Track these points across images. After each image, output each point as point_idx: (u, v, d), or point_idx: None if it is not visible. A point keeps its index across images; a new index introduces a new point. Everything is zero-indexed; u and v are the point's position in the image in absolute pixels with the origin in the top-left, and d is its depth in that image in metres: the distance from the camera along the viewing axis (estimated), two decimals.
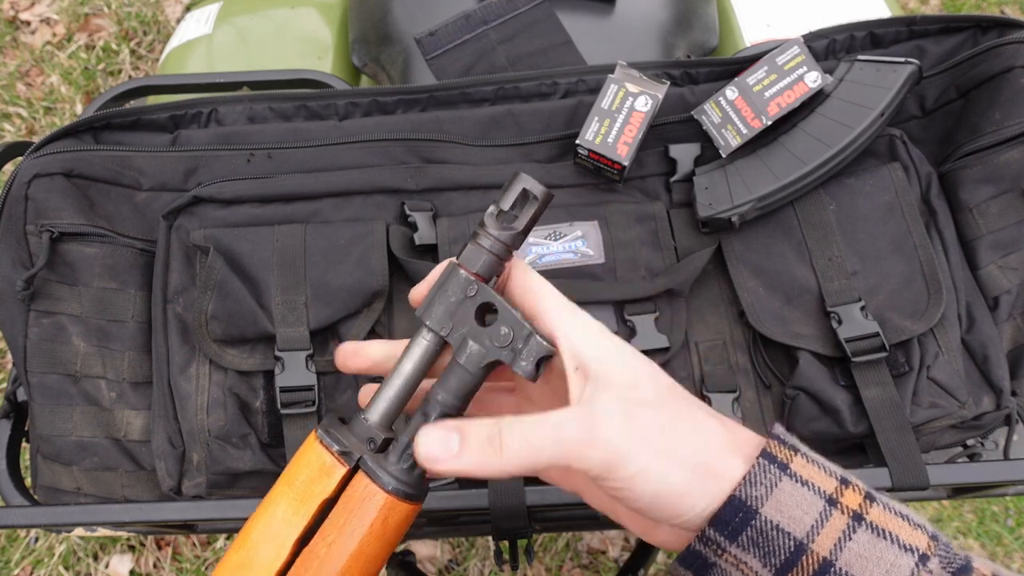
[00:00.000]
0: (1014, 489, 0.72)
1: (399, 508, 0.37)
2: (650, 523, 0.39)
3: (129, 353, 0.71)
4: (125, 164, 0.73)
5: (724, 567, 0.35)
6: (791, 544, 0.34)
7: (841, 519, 0.33)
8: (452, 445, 0.35)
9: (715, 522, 0.34)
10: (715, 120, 0.72)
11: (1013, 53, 0.69)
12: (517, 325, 0.37)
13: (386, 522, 0.37)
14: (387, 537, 0.37)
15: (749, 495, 0.34)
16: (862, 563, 0.33)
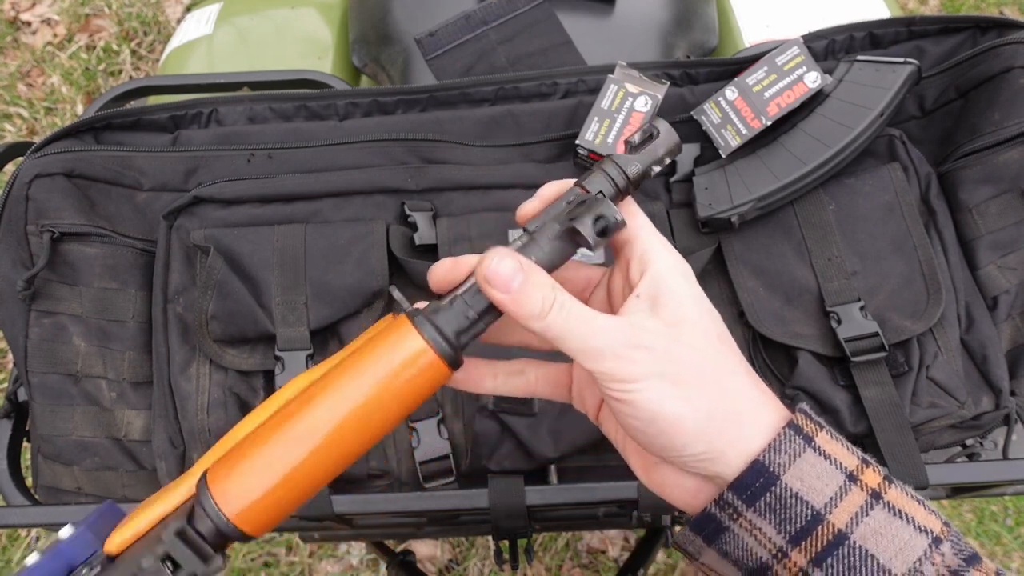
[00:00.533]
0: (1013, 489, 0.72)
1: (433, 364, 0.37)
2: (651, 462, 0.40)
3: (129, 353, 0.71)
4: (126, 164, 0.73)
5: (738, 532, 0.36)
6: (808, 513, 0.34)
7: (860, 495, 0.34)
8: (516, 277, 0.36)
9: (735, 486, 0.35)
10: (715, 120, 0.72)
11: (1012, 53, 0.69)
12: (596, 202, 0.38)
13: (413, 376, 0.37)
14: (407, 389, 0.37)
15: (772, 461, 0.34)
16: (877, 539, 0.33)
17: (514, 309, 0.36)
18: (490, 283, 0.36)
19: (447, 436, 0.67)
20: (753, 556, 0.36)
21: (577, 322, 0.36)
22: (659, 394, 0.35)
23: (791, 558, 0.35)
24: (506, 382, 0.43)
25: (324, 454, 0.36)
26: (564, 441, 0.66)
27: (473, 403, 0.68)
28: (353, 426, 0.37)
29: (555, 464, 0.68)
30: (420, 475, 0.67)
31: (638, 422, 0.36)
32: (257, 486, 0.36)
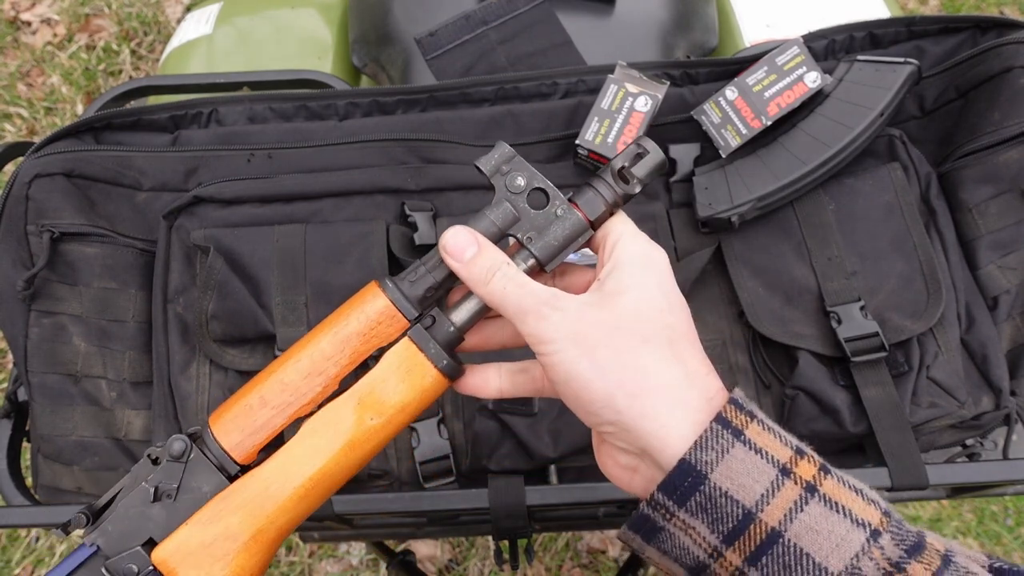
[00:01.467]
0: (1013, 489, 0.72)
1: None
2: (598, 440, 0.41)
3: (129, 353, 0.71)
4: (125, 164, 0.73)
5: (673, 531, 0.36)
6: (739, 512, 0.33)
7: (793, 489, 0.33)
8: (469, 249, 0.40)
9: (664, 486, 0.35)
10: (715, 120, 0.72)
11: (1012, 53, 0.69)
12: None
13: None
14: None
15: (699, 459, 0.34)
16: (812, 536, 0.33)
17: (465, 275, 0.40)
18: (447, 252, 0.41)
19: (447, 436, 0.67)
20: (690, 555, 0.36)
21: (513, 287, 0.39)
22: (571, 355, 0.37)
23: (726, 557, 0.34)
24: (512, 381, 0.45)
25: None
26: (564, 441, 0.66)
27: (473, 403, 0.68)
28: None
29: (555, 464, 0.68)
30: (420, 475, 0.67)
31: (559, 385, 0.38)
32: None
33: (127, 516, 0.41)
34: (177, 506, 0.41)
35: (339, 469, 0.41)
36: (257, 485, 0.41)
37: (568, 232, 0.42)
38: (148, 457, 0.41)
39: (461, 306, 0.43)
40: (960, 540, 1.48)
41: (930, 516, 1.51)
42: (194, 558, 0.40)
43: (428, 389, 0.42)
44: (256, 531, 0.40)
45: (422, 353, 0.41)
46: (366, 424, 0.41)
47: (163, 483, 0.40)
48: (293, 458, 0.41)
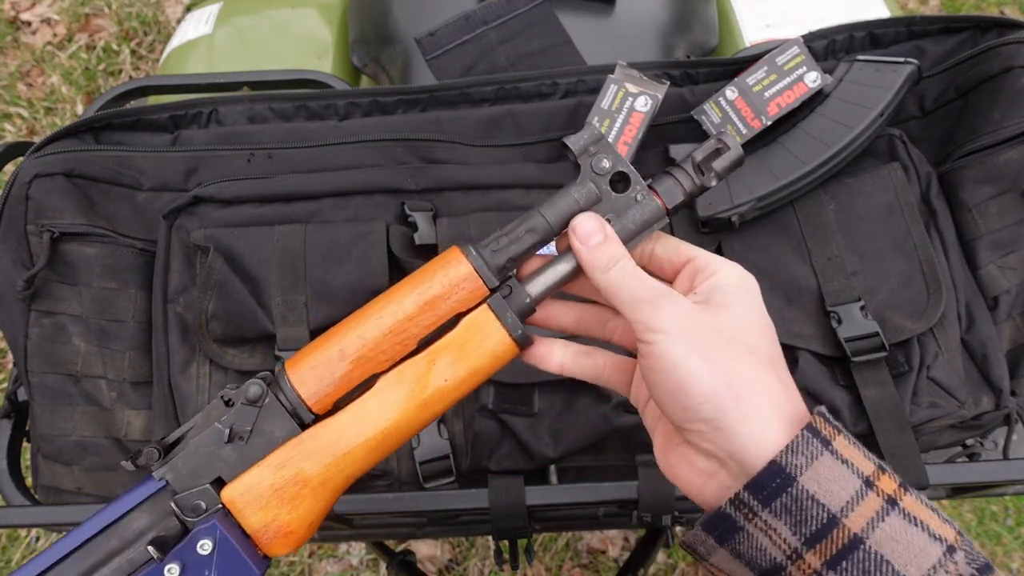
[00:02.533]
0: (1013, 489, 0.72)
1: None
2: (671, 443, 0.42)
3: (129, 353, 0.71)
4: (125, 164, 0.73)
5: (752, 532, 0.36)
6: (824, 516, 0.34)
7: (876, 501, 0.34)
8: (596, 236, 0.42)
9: (751, 486, 0.35)
10: (715, 120, 0.72)
11: (1012, 53, 0.69)
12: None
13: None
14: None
15: (789, 463, 0.35)
16: (892, 545, 0.34)
17: (587, 259, 0.42)
18: (577, 235, 0.42)
19: (447, 436, 0.67)
20: (767, 557, 0.36)
21: (631, 279, 0.41)
22: (682, 348, 0.38)
23: (806, 560, 0.35)
24: (575, 361, 0.46)
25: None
26: (564, 441, 0.66)
27: (473, 403, 0.68)
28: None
29: (555, 464, 0.68)
30: (420, 475, 0.67)
31: (659, 375, 0.38)
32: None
33: (198, 454, 0.41)
34: (249, 448, 0.41)
35: (409, 425, 0.43)
36: (330, 434, 0.42)
37: (646, 217, 0.44)
38: (221, 399, 0.42)
39: (536, 279, 0.45)
40: None
41: None
42: (263, 500, 0.41)
43: (501, 356, 0.43)
44: (326, 478, 0.41)
45: (499, 321, 0.43)
46: (439, 384, 0.42)
47: (236, 425, 0.41)
48: (367, 411, 0.42)
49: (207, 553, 0.39)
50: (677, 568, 1.44)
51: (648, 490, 0.62)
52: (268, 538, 0.41)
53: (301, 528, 0.42)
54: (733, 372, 0.37)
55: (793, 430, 0.37)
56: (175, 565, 0.39)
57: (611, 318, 0.47)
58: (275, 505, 0.41)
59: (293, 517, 0.41)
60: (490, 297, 0.44)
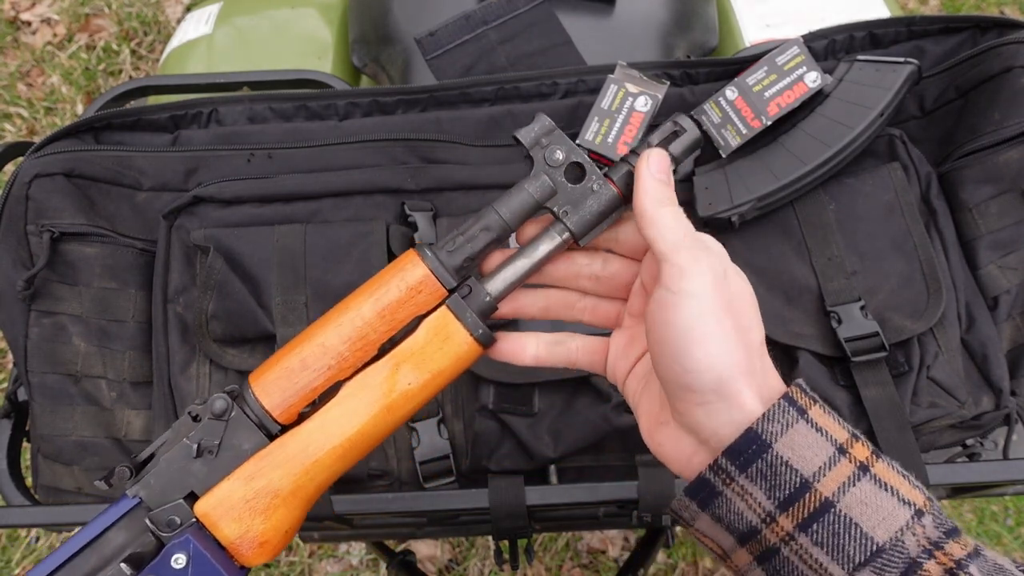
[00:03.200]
0: (1013, 489, 0.72)
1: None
2: (657, 421, 0.43)
3: (129, 353, 0.71)
4: (125, 164, 0.73)
5: (730, 496, 0.37)
6: (797, 480, 0.36)
7: (848, 467, 0.35)
8: (670, 172, 0.43)
9: (729, 451, 0.37)
10: (715, 120, 0.72)
11: (1012, 53, 0.69)
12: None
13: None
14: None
15: (765, 430, 0.36)
16: (861, 508, 0.35)
17: (649, 188, 0.41)
18: (649, 164, 0.42)
19: (447, 436, 0.67)
20: (743, 520, 0.37)
21: (681, 221, 0.41)
22: (706, 306, 0.38)
23: (779, 523, 0.36)
24: (549, 351, 0.47)
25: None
26: (564, 441, 0.66)
27: (473, 403, 0.68)
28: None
29: (555, 464, 0.68)
30: (420, 475, 0.67)
31: (672, 329, 0.38)
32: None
33: (169, 470, 0.42)
34: (218, 462, 0.42)
35: (376, 430, 0.43)
36: (298, 444, 0.42)
37: (603, 206, 0.43)
38: (189, 414, 0.42)
39: (496, 276, 0.45)
40: None
41: None
42: (236, 511, 0.41)
43: (463, 356, 0.44)
44: (296, 487, 0.42)
45: (459, 322, 0.43)
46: (403, 388, 0.43)
47: (204, 440, 0.42)
48: (333, 419, 0.42)
49: (181, 567, 0.40)
50: (677, 568, 1.44)
51: (648, 490, 0.62)
52: (244, 549, 0.41)
53: (276, 537, 0.42)
54: (738, 344, 0.38)
55: (766, 395, 0.38)
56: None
57: (579, 300, 0.48)
58: (248, 516, 0.41)
59: (267, 527, 0.42)
60: (448, 298, 0.43)
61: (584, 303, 0.48)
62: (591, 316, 0.48)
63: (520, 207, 0.44)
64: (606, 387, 0.67)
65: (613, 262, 0.47)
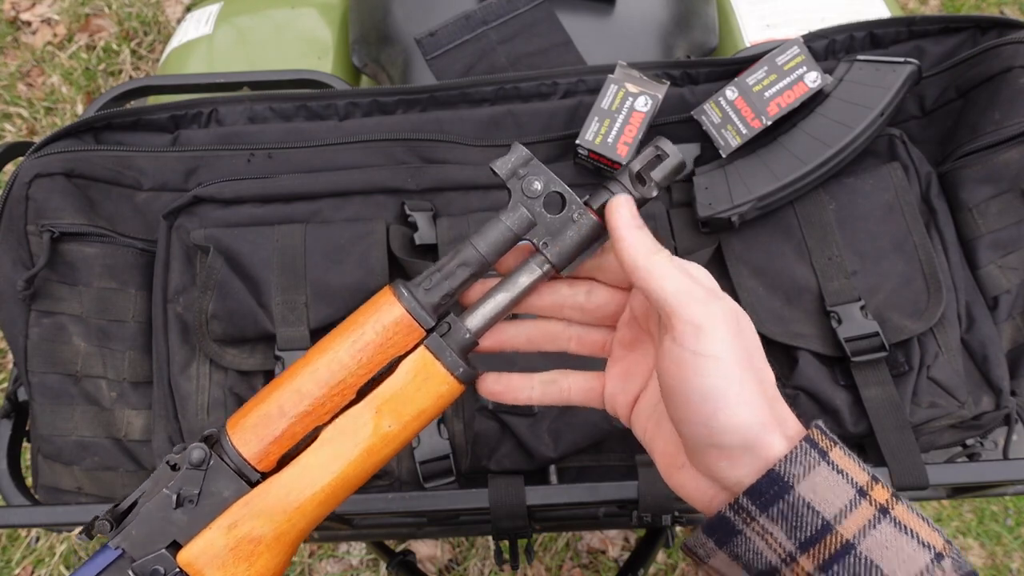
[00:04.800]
0: (1013, 489, 0.72)
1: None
2: (676, 464, 0.42)
3: (129, 353, 0.71)
4: (125, 164, 0.73)
5: (750, 536, 0.37)
6: (819, 522, 0.36)
7: (868, 509, 0.36)
8: (638, 220, 0.41)
9: (750, 491, 0.37)
10: (715, 120, 0.72)
11: (1012, 53, 0.69)
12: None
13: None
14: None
15: (787, 472, 0.36)
16: (881, 551, 0.35)
17: (631, 242, 0.40)
18: (617, 217, 0.41)
19: (447, 436, 0.67)
20: (763, 560, 0.37)
21: (676, 268, 0.39)
22: (730, 365, 0.37)
23: (799, 563, 0.36)
24: (543, 392, 0.46)
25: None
26: (564, 441, 0.66)
27: (473, 403, 0.68)
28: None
29: (555, 464, 0.68)
30: (420, 475, 0.67)
31: (696, 394, 0.37)
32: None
33: (150, 520, 0.41)
34: (199, 511, 0.41)
35: (356, 474, 0.42)
36: (278, 491, 0.41)
37: (583, 236, 0.42)
38: (167, 464, 0.42)
39: (477, 312, 0.43)
40: (960, 540, 1.48)
41: (931, 516, 1.51)
42: (219, 560, 0.41)
43: (444, 395, 0.42)
44: (279, 533, 0.41)
45: (439, 362, 0.42)
46: (383, 431, 0.42)
47: (184, 489, 0.41)
48: (312, 465, 0.42)
49: None
50: (677, 568, 1.44)
51: (648, 490, 0.62)
52: None
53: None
54: (760, 400, 0.37)
55: (789, 436, 0.38)
56: None
57: (564, 330, 0.47)
58: (232, 563, 0.41)
59: (251, 573, 0.41)
60: (427, 338, 0.42)
61: (570, 332, 0.47)
62: (577, 345, 0.47)
63: (498, 240, 0.43)
64: None
65: (598, 292, 0.45)
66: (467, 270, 0.43)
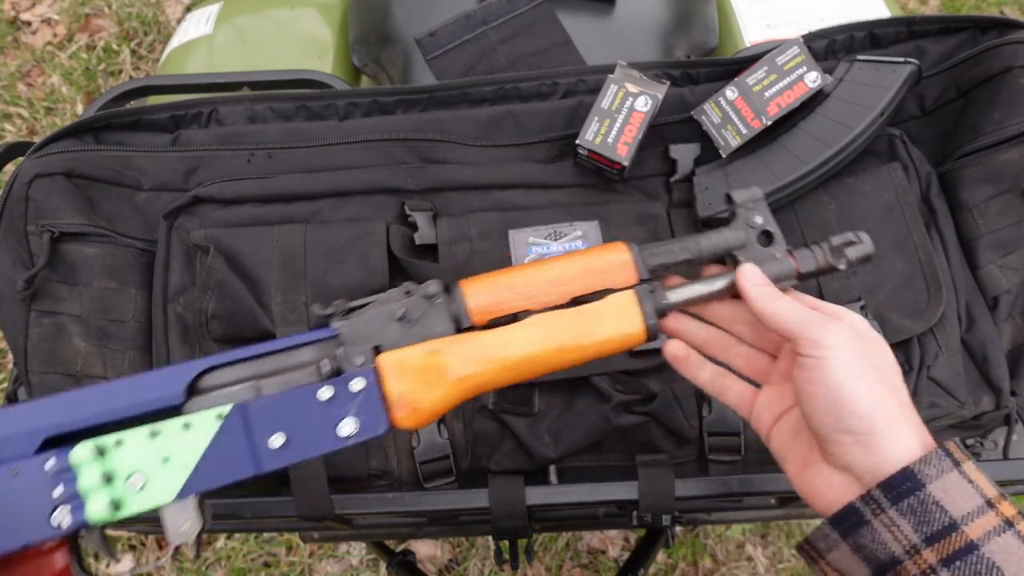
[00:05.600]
0: (1014, 489, 0.72)
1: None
2: (808, 461, 0.46)
3: (130, 353, 0.71)
4: (125, 164, 0.73)
5: (876, 527, 0.41)
6: (946, 519, 0.39)
7: (995, 518, 0.39)
8: (762, 279, 0.49)
9: (884, 485, 0.40)
10: (715, 120, 0.72)
11: (1012, 53, 0.69)
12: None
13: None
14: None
15: (921, 471, 0.40)
16: (1005, 555, 0.38)
17: (756, 294, 0.48)
18: (745, 276, 0.49)
19: (447, 436, 0.67)
20: (886, 550, 0.40)
21: (796, 306, 0.47)
22: (846, 363, 0.43)
23: (923, 555, 0.39)
24: (712, 379, 0.53)
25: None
26: (564, 441, 0.66)
27: (473, 403, 0.68)
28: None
29: (555, 464, 0.68)
30: (420, 475, 0.67)
31: (820, 387, 0.43)
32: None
33: (371, 322, 0.49)
34: (411, 331, 0.49)
35: (539, 362, 0.49)
36: (479, 343, 0.48)
37: (779, 273, 0.51)
38: (403, 290, 0.50)
39: (676, 290, 0.51)
40: None
41: None
42: (407, 374, 0.47)
43: (629, 336, 0.50)
44: (461, 376, 0.48)
45: (638, 306, 0.50)
46: (575, 338, 0.49)
47: (409, 311, 0.49)
48: (514, 337, 0.49)
49: (356, 390, 0.46)
50: (677, 568, 1.44)
51: (648, 490, 0.62)
52: (399, 407, 0.47)
53: (427, 409, 0.47)
54: (884, 396, 0.42)
55: (926, 445, 0.42)
56: (328, 389, 0.46)
57: (734, 344, 0.53)
58: (414, 381, 0.47)
59: (424, 397, 0.47)
60: (637, 286, 0.50)
61: (739, 349, 0.52)
62: (744, 364, 0.52)
63: (717, 244, 0.52)
64: (606, 387, 0.67)
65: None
66: (685, 254, 0.52)
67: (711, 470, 0.67)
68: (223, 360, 0.47)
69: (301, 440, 0.45)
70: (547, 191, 0.74)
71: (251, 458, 0.45)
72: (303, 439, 0.45)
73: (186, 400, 0.46)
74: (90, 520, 0.43)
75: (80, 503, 0.43)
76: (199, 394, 0.46)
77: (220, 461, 0.44)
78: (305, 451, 0.45)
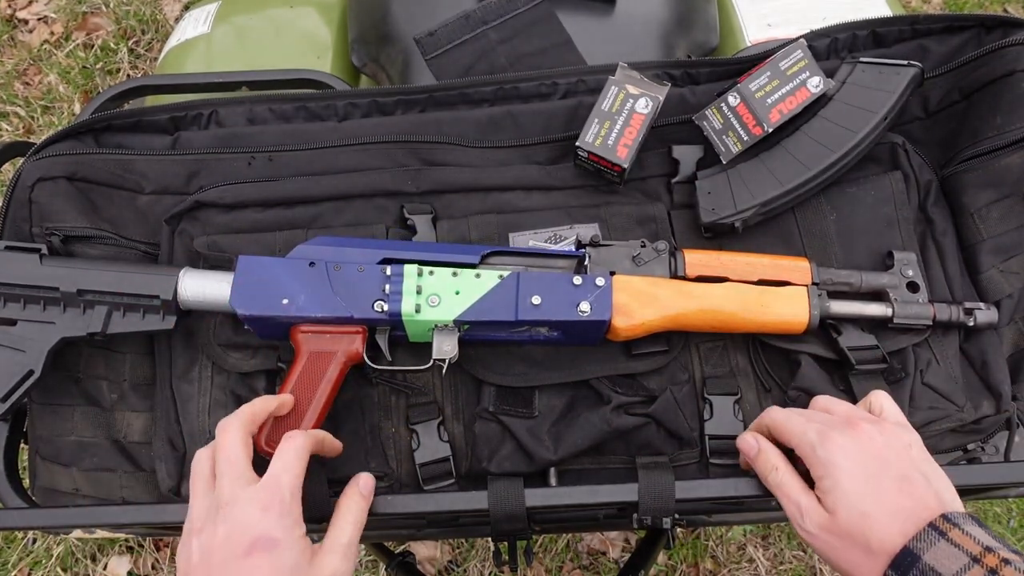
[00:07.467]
0: (1015, 491, 0.72)
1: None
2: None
3: (131, 355, 0.70)
4: (127, 167, 0.73)
5: None
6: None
7: (980, 570, 0.48)
8: (752, 451, 0.60)
9: (893, 564, 0.51)
10: (716, 126, 0.72)
11: (1016, 56, 0.69)
12: None
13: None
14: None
15: (916, 547, 0.50)
16: None
17: (754, 466, 0.60)
18: (743, 451, 0.61)
19: (447, 438, 0.67)
20: None
21: (787, 478, 0.57)
22: (850, 478, 0.53)
23: None
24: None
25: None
26: (564, 443, 0.66)
27: (473, 405, 0.67)
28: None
29: (555, 466, 0.68)
30: (420, 477, 0.67)
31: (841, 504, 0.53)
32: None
33: (613, 255, 0.67)
34: (639, 269, 0.67)
35: (722, 316, 0.66)
36: (687, 287, 0.66)
37: (918, 313, 0.66)
38: (639, 241, 0.68)
39: (839, 302, 0.67)
40: None
41: None
42: (630, 293, 0.65)
43: (789, 322, 0.66)
44: (664, 306, 0.65)
45: (808, 301, 0.66)
46: (754, 307, 0.66)
47: (642, 255, 0.67)
48: (714, 290, 0.66)
49: (599, 285, 0.64)
50: (677, 570, 1.44)
51: (648, 492, 0.62)
52: (619, 313, 0.64)
53: (636, 319, 0.64)
54: (898, 506, 0.52)
55: (920, 524, 0.51)
56: (579, 279, 0.65)
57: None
58: (633, 298, 0.65)
59: (638, 312, 0.64)
60: (811, 286, 0.66)
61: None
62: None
63: (873, 282, 0.68)
64: (606, 390, 0.67)
65: None
66: (850, 279, 0.68)
67: (712, 473, 0.67)
68: (508, 250, 0.67)
69: (551, 305, 0.63)
70: (547, 193, 0.74)
71: (514, 308, 0.63)
72: (553, 305, 0.63)
73: (479, 263, 0.66)
74: (402, 311, 0.62)
75: (398, 299, 0.62)
76: (486, 262, 0.67)
77: (493, 303, 0.63)
78: (553, 313, 0.63)
